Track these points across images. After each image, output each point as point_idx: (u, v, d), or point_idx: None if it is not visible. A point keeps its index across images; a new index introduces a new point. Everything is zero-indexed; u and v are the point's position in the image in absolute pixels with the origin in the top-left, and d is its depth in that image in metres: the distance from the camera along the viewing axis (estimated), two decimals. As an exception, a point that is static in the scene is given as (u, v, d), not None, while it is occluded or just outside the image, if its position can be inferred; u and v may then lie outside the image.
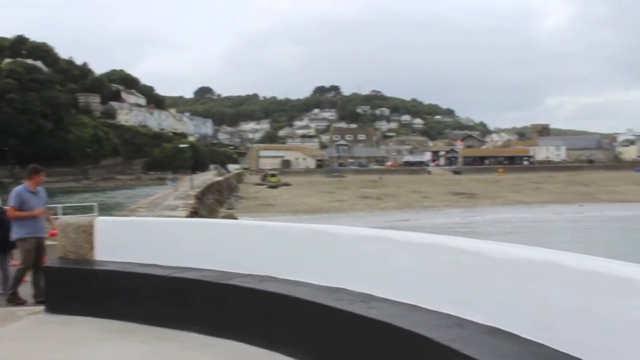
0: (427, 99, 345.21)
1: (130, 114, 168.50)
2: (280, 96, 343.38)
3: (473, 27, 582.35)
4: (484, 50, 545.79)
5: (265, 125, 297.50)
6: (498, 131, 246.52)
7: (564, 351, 3.20)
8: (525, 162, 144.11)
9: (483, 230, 38.09)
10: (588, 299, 3.13)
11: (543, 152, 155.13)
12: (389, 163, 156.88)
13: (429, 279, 4.29)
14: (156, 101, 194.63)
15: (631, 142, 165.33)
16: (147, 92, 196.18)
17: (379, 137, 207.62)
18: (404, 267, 4.54)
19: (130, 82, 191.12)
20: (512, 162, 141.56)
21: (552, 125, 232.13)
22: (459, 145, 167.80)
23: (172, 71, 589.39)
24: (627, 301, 2.90)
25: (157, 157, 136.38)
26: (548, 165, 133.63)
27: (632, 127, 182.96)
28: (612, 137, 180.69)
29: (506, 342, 3.45)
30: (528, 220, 44.15)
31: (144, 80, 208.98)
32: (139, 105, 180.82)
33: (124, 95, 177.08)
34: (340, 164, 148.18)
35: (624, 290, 2.94)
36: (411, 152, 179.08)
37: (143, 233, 7.16)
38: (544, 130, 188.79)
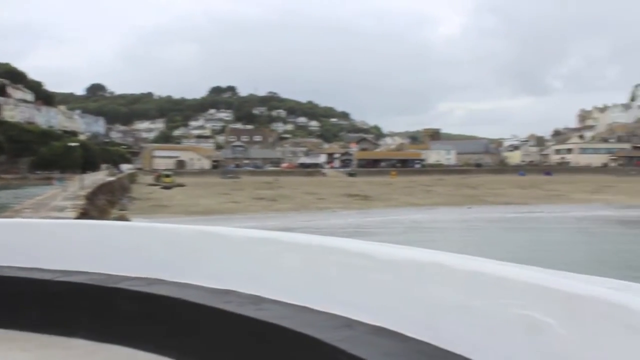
0: (323, 102, 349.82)
1: (16, 109, 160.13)
2: (176, 95, 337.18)
3: (373, 33, 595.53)
4: (381, 55, 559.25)
5: (159, 125, 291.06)
6: (392, 135, 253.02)
7: (447, 348, 3.28)
8: (417, 165, 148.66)
9: (375, 232, 38.98)
10: (468, 297, 3.21)
11: (434, 155, 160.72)
12: (284, 165, 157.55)
13: (319, 280, 4.31)
14: (45, 97, 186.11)
15: (515, 147, 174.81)
16: (35, 88, 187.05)
17: (275, 139, 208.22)
18: (294, 268, 4.53)
19: (16, 77, 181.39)
20: (405, 165, 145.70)
21: (443, 130, 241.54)
22: (354, 148, 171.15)
23: (62, 66, 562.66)
24: (504, 300, 3.00)
25: (45, 156, 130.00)
26: (439, 169, 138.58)
27: (516, 133, 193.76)
28: (499, 142, 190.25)
29: (392, 341, 3.50)
30: (419, 221, 45.62)
31: (32, 75, 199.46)
32: (26, 101, 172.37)
33: (9, 90, 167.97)
34: (236, 165, 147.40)
35: (502, 290, 3.04)
36: (307, 154, 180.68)
37: (26, 235, 6.79)
38: (435, 135, 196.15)
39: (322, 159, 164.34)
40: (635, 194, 69.67)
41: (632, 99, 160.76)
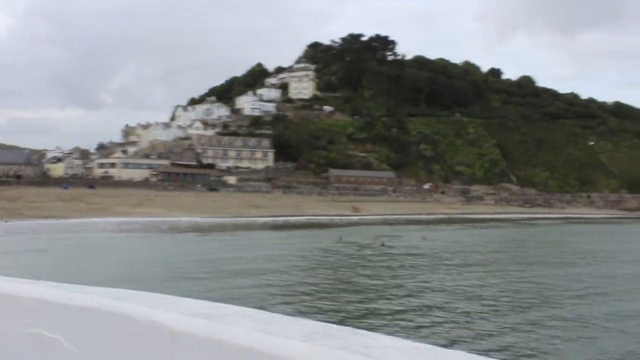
0: None
1: None
2: None
3: None
4: None
5: None
6: None
7: None
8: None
9: None
10: None
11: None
12: None
13: None
14: None
15: (59, 159, 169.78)
16: None
17: None
18: None
19: None
20: None
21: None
22: None
23: None
24: (14, 317, 2.90)
25: None
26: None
27: (63, 145, 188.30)
28: (42, 154, 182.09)
29: None
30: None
31: None
32: None
33: None
34: None
35: (11, 307, 2.94)
36: None
37: None
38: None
39: None
40: (173, 207, 75.14)
41: (173, 118, 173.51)
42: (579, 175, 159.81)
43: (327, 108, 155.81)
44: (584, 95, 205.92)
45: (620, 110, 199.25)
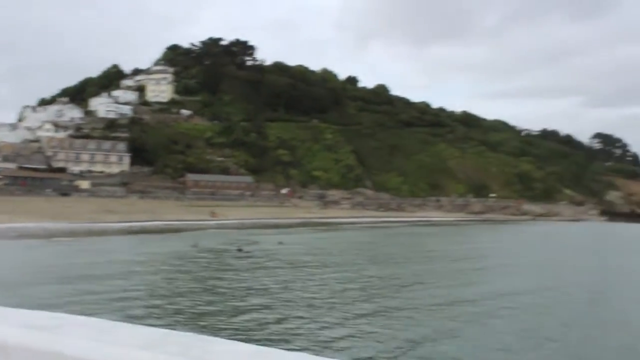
0: None
1: None
2: None
3: None
4: None
5: None
6: None
7: None
8: None
9: None
10: None
11: None
12: None
13: None
14: None
15: None
16: None
17: None
18: None
19: None
20: None
21: None
22: None
23: None
24: None
25: None
26: None
27: None
28: None
29: None
30: None
31: None
32: None
33: None
34: None
35: None
36: None
37: None
38: None
39: None
40: (21, 212, 71.61)
41: (20, 119, 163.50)
42: (429, 181, 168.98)
43: (186, 112, 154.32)
44: (435, 104, 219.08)
45: (467, 119, 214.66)
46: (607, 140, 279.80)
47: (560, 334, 20.29)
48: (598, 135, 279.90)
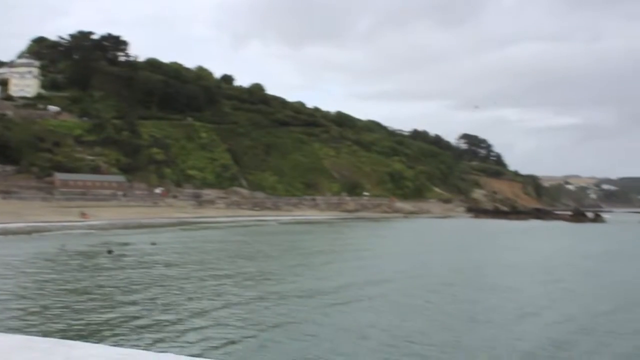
0: None
1: None
2: None
3: None
4: None
5: None
6: None
7: None
8: None
9: None
10: None
11: None
12: None
13: None
14: None
15: None
16: None
17: None
18: None
19: None
20: None
21: None
22: None
23: None
24: None
25: None
26: None
27: None
28: None
29: None
30: None
31: None
32: None
33: None
34: None
35: None
36: None
37: None
38: None
39: None
40: None
41: None
42: (304, 180, 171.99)
43: (53, 108, 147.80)
44: (310, 104, 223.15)
45: (341, 119, 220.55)
46: (473, 140, 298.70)
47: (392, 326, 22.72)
48: (465, 136, 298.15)
